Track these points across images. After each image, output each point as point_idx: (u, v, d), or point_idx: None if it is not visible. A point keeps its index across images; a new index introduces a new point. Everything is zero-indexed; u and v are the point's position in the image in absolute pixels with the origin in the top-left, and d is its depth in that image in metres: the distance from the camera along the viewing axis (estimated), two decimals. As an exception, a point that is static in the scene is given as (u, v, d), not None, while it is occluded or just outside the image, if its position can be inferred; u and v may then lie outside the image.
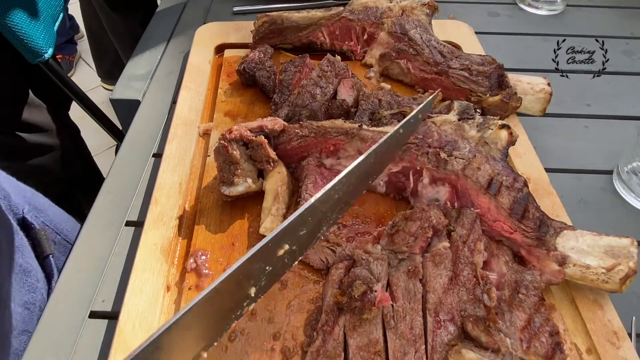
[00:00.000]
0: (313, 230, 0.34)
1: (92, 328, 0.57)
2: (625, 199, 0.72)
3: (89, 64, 2.56)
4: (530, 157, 0.72)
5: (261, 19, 0.90)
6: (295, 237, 0.32)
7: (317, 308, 0.55)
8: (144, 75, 0.94)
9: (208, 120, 0.80)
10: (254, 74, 0.81)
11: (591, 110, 0.87)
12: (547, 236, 0.57)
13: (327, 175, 0.67)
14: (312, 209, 0.33)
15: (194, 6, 1.14)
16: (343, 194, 0.36)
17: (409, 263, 0.55)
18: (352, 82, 0.77)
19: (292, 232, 0.32)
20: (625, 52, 1.00)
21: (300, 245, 0.33)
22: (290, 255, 0.33)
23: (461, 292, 0.53)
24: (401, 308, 0.51)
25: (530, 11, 1.14)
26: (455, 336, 0.50)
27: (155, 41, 1.03)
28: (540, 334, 0.50)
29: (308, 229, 0.33)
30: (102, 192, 0.72)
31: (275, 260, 0.32)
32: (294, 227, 0.32)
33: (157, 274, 0.58)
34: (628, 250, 0.54)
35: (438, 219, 0.57)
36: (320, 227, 0.35)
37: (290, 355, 0.52)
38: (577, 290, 0.57)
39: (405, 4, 0.88)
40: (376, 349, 0.49)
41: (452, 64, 0.80)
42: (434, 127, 0.64)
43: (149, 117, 0.84)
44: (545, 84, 0.80)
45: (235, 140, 0.63)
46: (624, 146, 0.74)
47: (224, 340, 0.53)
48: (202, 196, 0.68)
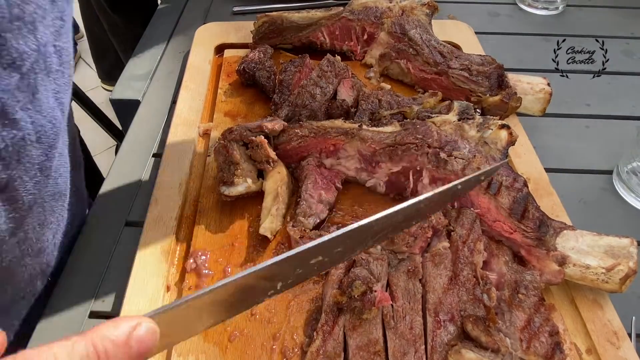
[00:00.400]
0: (346, 251, 0.36)
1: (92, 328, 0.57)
2: (625, 199, 0.72)
3: (89, 64, 2.56)
4: (530, 157, 0.72)
5: (261, 19, 0.90)
6: (330, 252, 0.34)
7: (317, 308, 0.55)
8: (144, 75, 0.94)
9: (208, 120, 0.80)
10: (254, 74, 0.81)
11: (591, 110, 0.87)
12: (547, 236, 0.57)
13: (327, 175, 0.67)
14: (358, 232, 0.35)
15: (194, 6, 1.14)
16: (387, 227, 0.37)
17: (409, 263, 0.55)
18: (352, 82, 0.77)
19: (329, 248, 0.34)
20: (625, 52, 1.00)
21: (331, 259, 0.35)
22: (320, 265, 0.34)
23: (461, 292, 0.53)
24: (401, 308, 0.51)
25: (530, 11, 1.14)
26: (455, 336, 0.50)
27: (155, 41, 1.03)
28: (540, 334, 0.50)
29: (343, 248, 0.35)
30: (102, 192, 0.72)
31: (306, 266, 0.34)
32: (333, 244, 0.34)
33: (157, 274, 0.58)
34: (628, 250, 0.54)
35: (438, 219, 0.57)
36: (354, 250, 0.36)
37: (290, 356, 0.52)
38: (577, 290, 0.57)
39: (405, 4, 0.88)
40: (376, 349, 0.49)
41: (452, 64, 0.80)
42: (434, 127, 0.64)
43: (149, 117, 0.84)
44: (545, 84, 0.80)
45: (235, 140, 0.63)
46: (624, 146, 0.74)
47: (224, 340, 0.53)
48: (202, 196, 0.68)
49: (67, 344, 0.26)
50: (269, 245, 0.62)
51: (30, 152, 0.45)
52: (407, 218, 0.38)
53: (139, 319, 0.27)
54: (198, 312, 0.31)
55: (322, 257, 0.34)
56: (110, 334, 0.27)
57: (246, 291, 0.32)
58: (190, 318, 0.31)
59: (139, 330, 0.27)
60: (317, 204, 0.63)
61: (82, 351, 0.26)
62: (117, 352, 0.26)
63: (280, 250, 0.61)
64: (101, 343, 0.26)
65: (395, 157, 0.64)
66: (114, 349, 0.26)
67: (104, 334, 0.26)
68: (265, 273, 0.32)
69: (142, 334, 0.27)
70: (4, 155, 0.42)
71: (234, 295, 0.32)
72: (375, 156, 0.65)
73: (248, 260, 0.60)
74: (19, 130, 0.42)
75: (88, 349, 0.26)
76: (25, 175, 0.46)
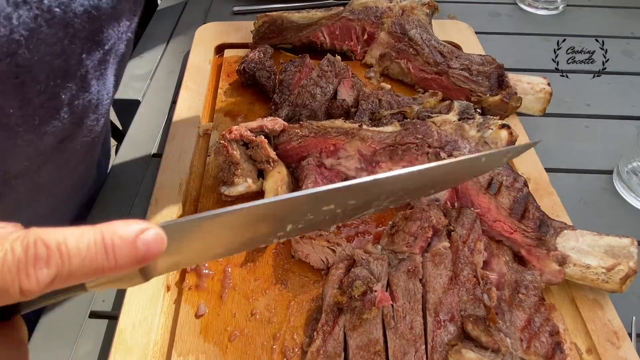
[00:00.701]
0: (359, 206, 0.35)
1: (92, 328, 0.57)
2: (625, 199, 0.72)
3: (89, 64, 2.55)
4: (530, 157, 0.72)
5: (261, 19, 0.90)
6: (343, 202, 0.34)
7: (317, 308, 0.55)
8: (144, 75, 0.94)
9: (208, 120, 0.80)
10: (254, 74, 0.81)
11: (591, 110, 0.87)
12: (547, 236, 0.57)
13: (327, 175, 0.67)
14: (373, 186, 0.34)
15: (194, 6, 1.14)
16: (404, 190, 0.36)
17: (409, 263, 0.55)
18: (352, 82, 0.77)
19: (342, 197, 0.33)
20: (625, 52, 1.00)
21: (343, 211, 0.34)
22: (331, 216, 0.34)
23: (461, 292, 0.53)
24: (401, 308, 0.51)
25: (530, 11, 1.14)
26: (455, 336, 0.50)
27: (155, 41, 1.03)
28: (540, 334, 0.49)
29: (356, 202, 0.34)
30: (102, 192, 0.72)
31: (317, 212, 0.33)
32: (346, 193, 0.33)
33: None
34: (628, 250, 0.54)
35: (438, 219, 0.57)
36: (367, 207, 0.36)
37: (291, 356, 0.52)
38: (577, 290, 0.57)
39: (405, 4, 0.88)
40: (376, 349, 0.49)
41: (452, 64, 0.80)
42: (434, 127, 0.64)
43: (149, 117, 0.84)
44: (545, 84, 0.80)
45: (235, 140, 0.63)
46: (624, 146, 0.74)
47: (224, 340, 0.53)
48: (202, 196, 0.68)
49: (78, 229, 0.26)
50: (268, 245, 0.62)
51: (89, 116, 0.53)
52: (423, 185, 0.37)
53: (148, 224, 0.28)
54: (207, 235, 0.31)
55: (335, 206, 0.33)
56: (119, 230, 0.27)
57: (256, 225, 0.32)
58: (199, 240, 0.31)
59: (147, 233, 0.27)
60: (317, 203, 0.63)
61: (90, 238, 0.26)
62: (123, 248, 0.27)
63: (280, 250, 0.61)
64: (110, 236, 0.26)
65: (395, 157, 0.64)
66: (121, 244, 0.27)
67: (113, 229, 0.27)
68: (277, 208, 0.32)
69: (149, 237, 0.27)
70: (75, 111, 0.50)
71: (244, 227, 0.31)
72: (375, 156, 0.65)
73: (248, 260, 0.60)
74: (89, 94, 0.51)
75: (96, 238, 0.26)
76: (81, 135, 0.54)
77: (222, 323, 0.54)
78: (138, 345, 0.52)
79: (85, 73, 0.48)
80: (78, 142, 0.55)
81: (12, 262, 0.24)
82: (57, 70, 0.44)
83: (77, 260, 0.25)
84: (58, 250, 0.25)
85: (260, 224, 0.32)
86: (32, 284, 0.24)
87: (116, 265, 0.27)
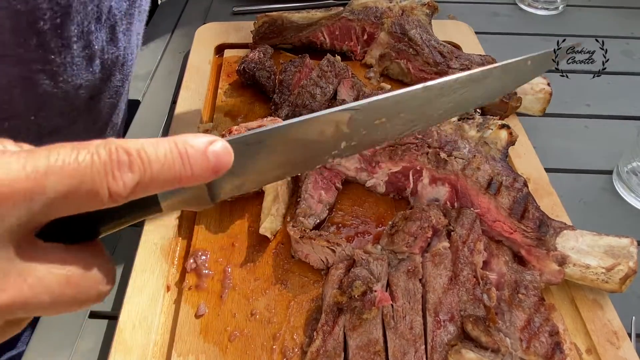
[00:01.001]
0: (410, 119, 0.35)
1: (92, 328, 0.57)
2: (625, 199, 0.72)
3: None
4: (530, 157, 0.72)
5: (261, 19, 0.90)
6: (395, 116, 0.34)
7: (317, 308, 0.55)
8: (144, 75, 0.94)
9: (208, 120, 0.80)
10: (254, 74, 0.81)
11: (591, 110, 0.87)
12: (547, 236, 0.57)
13: (327, 175, 0.67)
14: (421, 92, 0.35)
15: (194, 6, 1.14)
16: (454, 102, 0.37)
17: (409, 263, 0.55)
18: (352, 82, 0.77)
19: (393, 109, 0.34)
20: (625, 52, 1.00)
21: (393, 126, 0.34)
22: (384, 131, 0.34)
23: (461, 292, 0.53)
24: (401, 308, 0.51)
25: (530, 11, 1.14)
26: (455, 336, 0.50)
27: (155, 41, 1.03)
28: (540, 334, 0.50)
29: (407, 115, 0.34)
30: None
31: (370, 127, 0.34)
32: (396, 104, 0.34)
33: (157, 274, 0.58)
34: (628, 250, 0.54)
35: (438, 219, 0.57)
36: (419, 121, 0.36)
37: (290, 356, 0.52)
38: (577, 290, 0.57)
39: (405, 4, 0.88)
40: (376, 349, 0.49)
41: (452, 64, 0.80)
42: (434, 127, 0.64)
43: (149, 117, 0.84)
44: (545, 84, 0.80)
45: (235, 140, 0.63)
46: (624, 146, 0.74)
47: (224, 340, 0.53)
48: (202, 196, 0.68)
49: (152, 139, 0.27)
50: (269, 245, 0.62)
51: (115, 75, 0.55)
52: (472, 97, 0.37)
53: (214, 137, 0.28)
54: (268, 152, 0.31)
55: (386, 120, 0.33)
56: (190, 140, 0.27)
57: (312, 142, 0.32)
58: (260, 159, 0.31)
59: (215, 144, 0.28)
60: (317, 204, 0.63)
61: (166, 146, 0.27)
62: (197, 158, 0.27)
63: (280, 250, 0.61)
64: (183, 145, 0.27)
65: (395, 157, 0.64)
66: (194, 153, 0.27)
67: (184, 139, 0.27)
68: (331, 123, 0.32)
69: (218, 149, 0.28)
70: (105, 65, 0.52)
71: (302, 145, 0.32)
72: (375, 156, 0.66)
73: (248, 260, 0.60)
74: (117, 49, 0.53)
75: (171, 146, 0.27)
76: (107, 94, 0.56)
77: (222, 323, 0.54)
78: (138, 345, 0.52)
79: (114, 24, 0.51)
80: (105, 103, 0.57)
81: (99, 164, 0.25)
82: (91, 15, 0.47)
83: (157, 166, 0.26)
84: (139, 156, 0.26)
85: (315, 142, 0.32)
86: (119, 186, 0.25)
87: (192, 174, 0.27)
